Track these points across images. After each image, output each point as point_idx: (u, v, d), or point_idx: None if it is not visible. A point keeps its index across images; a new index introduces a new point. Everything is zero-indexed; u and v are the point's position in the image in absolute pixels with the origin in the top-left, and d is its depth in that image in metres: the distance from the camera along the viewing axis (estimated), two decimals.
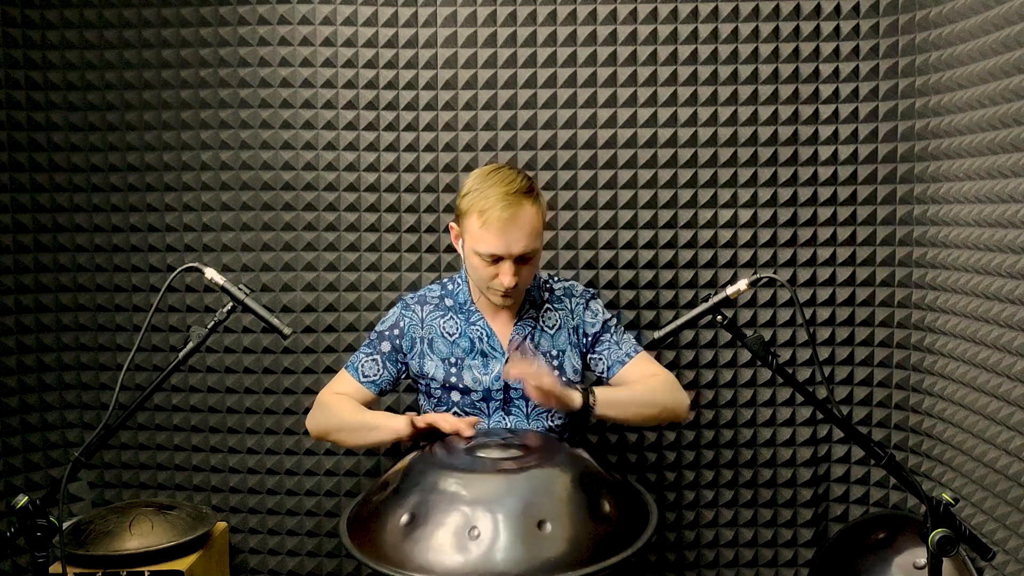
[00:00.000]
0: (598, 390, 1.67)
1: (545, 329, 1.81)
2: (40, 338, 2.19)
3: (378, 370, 1.80)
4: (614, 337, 1.84)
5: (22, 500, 1.36)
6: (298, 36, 2.10)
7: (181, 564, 1.85)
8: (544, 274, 1.92)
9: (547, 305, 1.84)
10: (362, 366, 1.81)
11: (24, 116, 2.12)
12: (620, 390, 1.76)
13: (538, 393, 1.60)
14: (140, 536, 1.86)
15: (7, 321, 2.13)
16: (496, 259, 1.66)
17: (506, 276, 1.66)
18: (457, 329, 1.80)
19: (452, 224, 1.77)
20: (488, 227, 1.64)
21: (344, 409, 1.74)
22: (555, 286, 1.88)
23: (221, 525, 2.09)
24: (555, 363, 1.79)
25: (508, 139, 2.11)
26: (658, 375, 1.79)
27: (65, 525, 1.86)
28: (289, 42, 2.10)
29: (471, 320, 1.80)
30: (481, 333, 1.79)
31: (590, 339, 1.84)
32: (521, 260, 1.67)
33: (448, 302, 1.83)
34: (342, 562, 2.23)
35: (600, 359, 1.83)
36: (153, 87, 2.13)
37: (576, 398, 1.64)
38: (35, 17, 2.10)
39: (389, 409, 2.17)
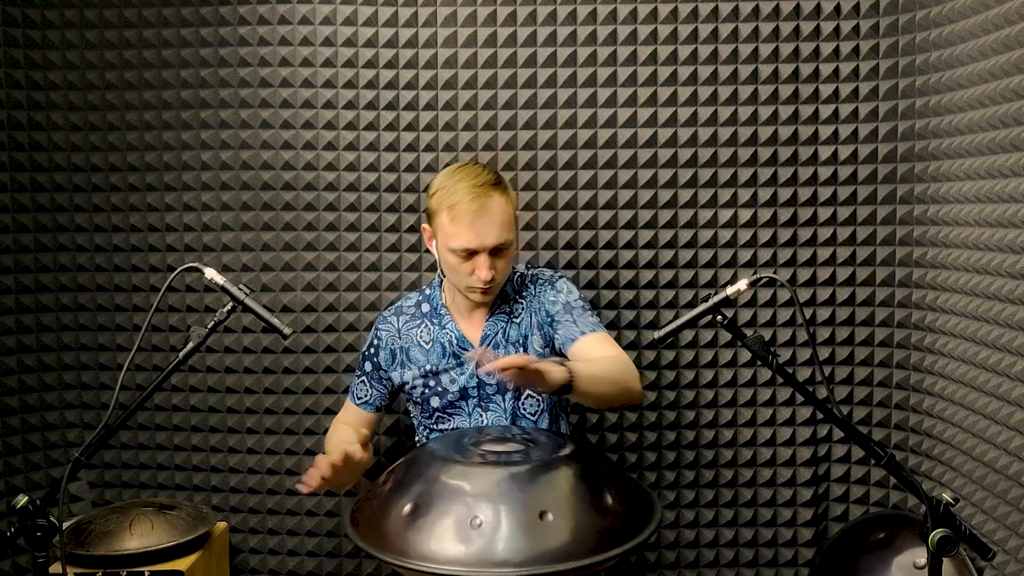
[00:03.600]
0: (576, 364, 1.50)
1: (514, 320, 1.82)
2: (40, 338, 2.19)
3: (367, 390, 1.89)
4: (573, 315, 1.76)
5: (22, 500, 1.36)
6: (298, 36, 2.10)
7: (181, 564, 1.85)
8: (521, 267, 1.92)
9: (516, 297, 1.84)
10: (356, 389, 1.91)
11: (25, 116, 2.12)
12: (593, 364, 1.58)
13: (515, 374, 1.36)
14: (140, 536, 1.86)
15: (7, 321, 2.13)
16: (470, 253, 1.67)
17: (482, 269, 1.67)
18: (431, 336, 1.82)
19: (424, 226, 1.79)
20: (459, 221, 1.65)
21: (330, 438, 1.88)
22: (527, 274, 1.89)
23: (221, 525, 2.09)
24: (520, 350, 1.81)
25: (508, 139, 2.11)
26: (613, 355, 1.67)
27: (65, 525, 1.85)
28: (289, 42, 2.10)
29: (442, 324, 1.82)
30: (451, 336, 1.81)
31: (551, 318, 1.80)
32: (495, 252, 1.69)
33: (424, 308, 1.87)
34: (342, 562, 2.23)
35: (559, 338, 1.77)
36: (153, 87, 2.13)
37: (557, 372, 1.43)
38: (35, 17, 2.10)
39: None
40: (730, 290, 1.45)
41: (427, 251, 2.15)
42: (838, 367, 2.14)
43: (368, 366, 1.88)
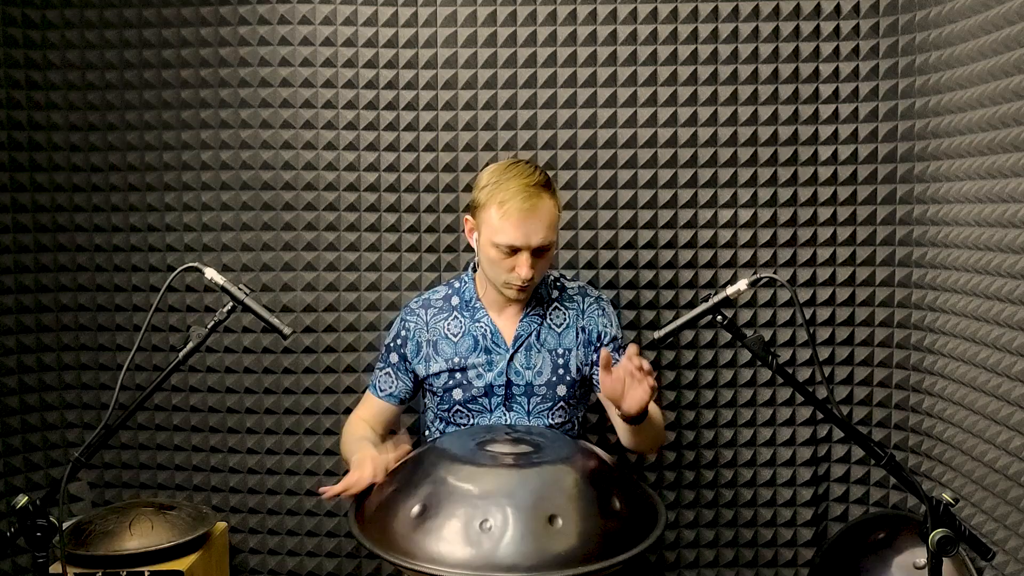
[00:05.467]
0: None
1: (552, 327, 1.82)
2: (40, 338, 2.19)
3: (392, 382, 1.86)
4: (619, 357, 1.82)
5: (22, 500, 1.36)
6: (298, 36, 2.10)
7: (181, 564, 1.85)
8: (555, 272, 1.93)
9: (555, 303, 1.84)
10: (379, 382, 1.87)
11: (24, 116, 2.12)
12: (655, 413, 1.73)
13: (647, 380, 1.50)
14: (140, 536, 1.86)
15: (7, 321, 2.13)
16: (514, 250, 1.68)
17: (523, 268, 1.68)
18: (461, 328, 1.81)
19: (467, 217, 1.79)
20: (508, 218, 1.66)
21: (347, 440, 1.82)
22: (567, 285, 1.89)
23: (221, 525, 2.09)
24: (560, 361, 1.80)
25: (508, 139, 2.11)
26: (658, 411, 1.79)
27: (65, 525, 1.85)
28: (289, 42, 2.10)
29: (476, 317, 1.81)
30: (485, 330, 1.80)
31: (600, 344, 1.83)
32: (537, 252, 1.69)
33: (454, 301, 1.85)
34: (342, 562, 2.23)
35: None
36: (153, 87, 2.13)
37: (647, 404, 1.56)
38: (35, 17, 2.10)
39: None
40: (730, 290, 1.45)
41: (429, 250, 2.15)
42: (838, 367, 2.14)
43: (394, 357, 1.85)
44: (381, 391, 1.86)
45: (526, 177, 1.69)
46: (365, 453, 1.54)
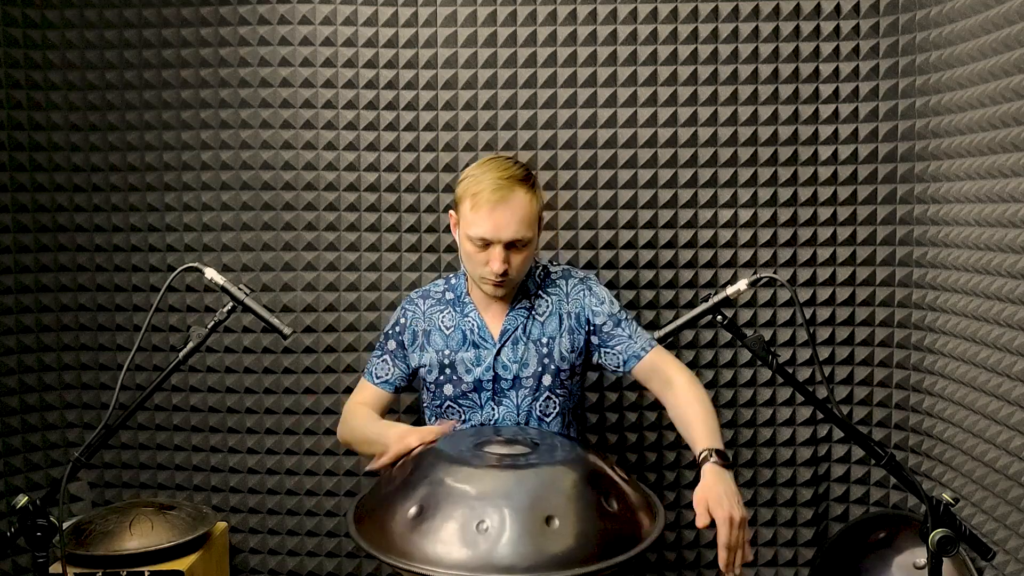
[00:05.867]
0: (710, 443, 1.57)
1: (536, 317, 1.82)
2: (40, 338, 2.19)
3: (389, 369, 1.86)
4: (626, 331, 1.79)
5: (22, 500, 1.36)
6: (298, 36, 2.10)
7: (181, 564, 1.85)
8: (545, 259, 1.92)
9: (539, 292, 1.84)
10: (375, 368, 1.87)
11: (25, 116, 2.12)
12: (708, 421, 1.63)
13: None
14: (140, 536, 1.86)
15: (7, 321, 2.13)
16: (486, 244, 1.68)
17: (495, 262, 1.67)
18: (453, 322, 1.82)
19: (451, 212, 1.80)
20: (478, 210, 1.66)
21: (357, 421, 1.81)
22: (551, 269, 1.88)
23: (221, 525, 2.09)
24: (545, 350, 1.80)
25: (508, 139, 2.11)
26: (692, 382, 1.71)
27: (65, 525, 1.86)
28: (289, 42, 2.10)
29: (465, 312, 1.82)
30: (473, 325, 1.81)
31: (593, 328, 1.81)
32: (512, 247, 1.68)
33: (449, 296, 1.86)
34: (342, 562, 2.23)
35: (614, 353, 1.79)
36: (153, 87, 2.13)
37: (727, 477, 1.52)
38: (35, 17, 2.10)
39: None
40: (730, 290, 1.45)
41: (429, 250, 2.16)
42: (838, 367, 2.14)
43: (392, 344, 1.86)
44: (377, 378, 1.86)
45: (500, 171, 1.70)
46: (403, 428, 1.65)
